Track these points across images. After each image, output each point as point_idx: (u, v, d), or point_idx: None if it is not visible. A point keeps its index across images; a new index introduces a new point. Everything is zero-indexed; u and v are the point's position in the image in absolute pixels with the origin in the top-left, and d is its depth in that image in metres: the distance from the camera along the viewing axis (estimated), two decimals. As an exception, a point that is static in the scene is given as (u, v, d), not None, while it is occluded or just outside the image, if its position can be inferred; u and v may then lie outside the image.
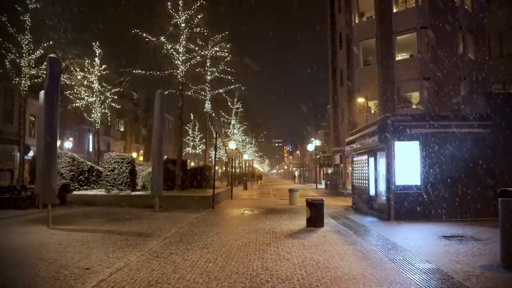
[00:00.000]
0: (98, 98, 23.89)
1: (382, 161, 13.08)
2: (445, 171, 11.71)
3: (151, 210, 14.00)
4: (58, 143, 30.37)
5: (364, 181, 15.00)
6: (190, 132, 51.85)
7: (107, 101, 24.40)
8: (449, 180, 11.68)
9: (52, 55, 10.42)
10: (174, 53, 17.59)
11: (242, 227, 10.60)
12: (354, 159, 16.69)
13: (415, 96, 25.85)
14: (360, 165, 15.69)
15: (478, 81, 24.23)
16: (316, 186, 41.85)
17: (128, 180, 16.97)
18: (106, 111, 25.65)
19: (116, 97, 24.87)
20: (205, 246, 7.95)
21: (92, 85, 23.47)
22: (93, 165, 18.76)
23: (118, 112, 42.53)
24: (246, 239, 8.67)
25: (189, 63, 17.85)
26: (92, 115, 24.23)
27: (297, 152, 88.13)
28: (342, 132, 31.49)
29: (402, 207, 11.78)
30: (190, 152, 53.67)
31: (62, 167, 16.98)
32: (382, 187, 13.01)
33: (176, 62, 17.67)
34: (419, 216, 11.61)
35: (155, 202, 13.91)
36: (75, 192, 16.93)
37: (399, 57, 25.98)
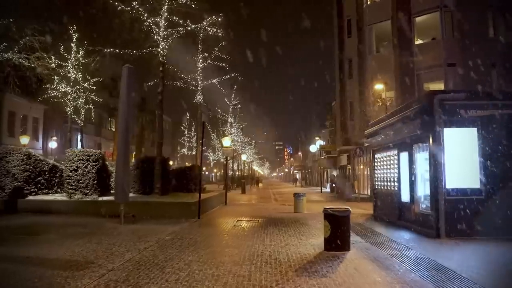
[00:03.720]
0: (75, 89, 20.81)
1: (420, 156, 9.81)
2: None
3: (119, 220, 10.73)
4: (27, 141, 27.17)
5: (392, 184, 11.69)
6: (186, 132, 48.64)
7: (85, 92, 21.30)
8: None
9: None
10: (153, 26, 14.32)
11: (231, 251, 7.25)
12: (376, 155, 13.36)
13: (437, 87, 22.46)
14: (385, 162, 12.37)
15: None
16: (321, 189, 38.41)
17: (95, 182, 13.65)
18: (90, 106, 22.66)
19: (94, 87, 21.76)
20: (160, 293, 4.64)
21: (69, 74, 20.42)
22: (56, 164, 15.46)
23: (108, 110, 39.66)
24: (232, 279, 5.34)
25: (171, 38, 14.54)
26: (68, 108, 21.09)
27: (299, 153, 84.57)
28: (351, 130, 28.11)
29: (456, 219, 8.45)
30: (186, 153, 50.57)
31: (14, 166, 13.72)
32: (422, 191, 9.73)
33: (156, 37, 14.40)
34: (481, 232, 8.25)
35: (121, 211, 10.63)
36: (30, 197, 13.67)
37: (419, 41, 22.65)
